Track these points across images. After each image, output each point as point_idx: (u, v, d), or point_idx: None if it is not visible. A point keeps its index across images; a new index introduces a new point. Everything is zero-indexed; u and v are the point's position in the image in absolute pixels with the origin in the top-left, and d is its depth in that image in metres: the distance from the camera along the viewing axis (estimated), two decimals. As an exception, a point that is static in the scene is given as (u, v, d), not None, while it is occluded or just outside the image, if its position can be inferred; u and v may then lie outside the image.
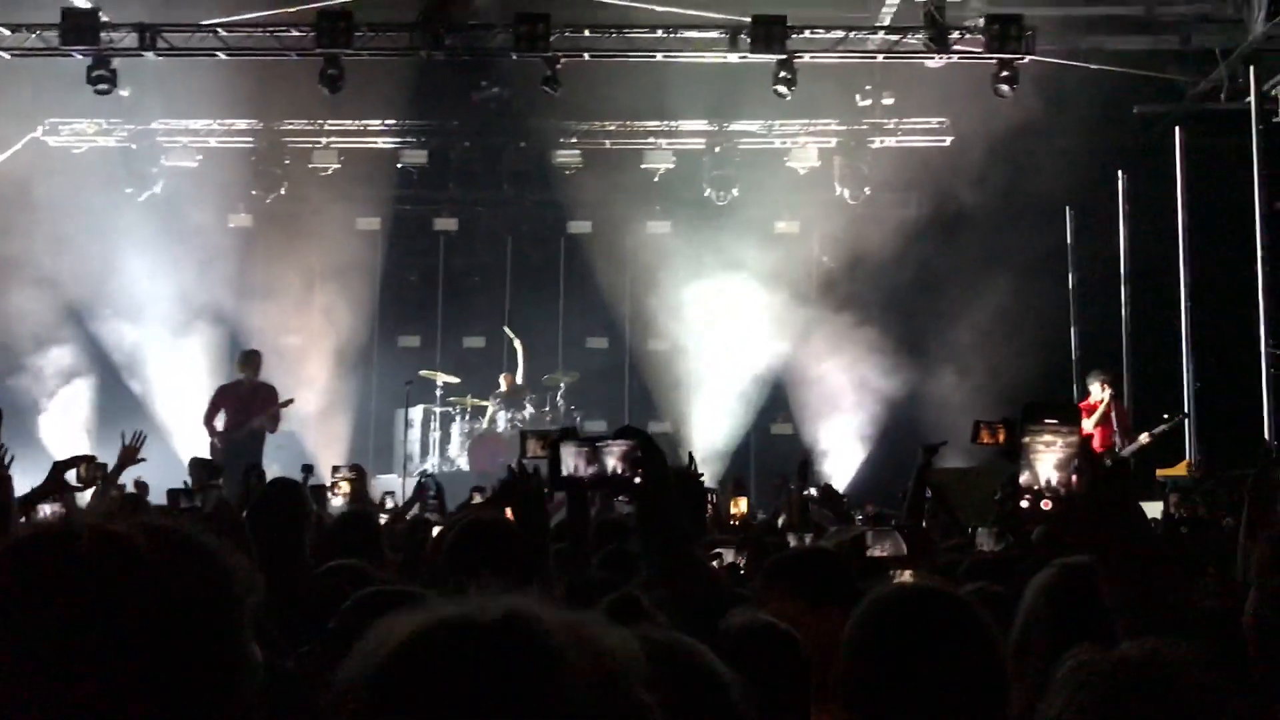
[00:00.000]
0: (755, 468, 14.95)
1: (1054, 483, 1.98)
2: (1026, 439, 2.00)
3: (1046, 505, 1.91)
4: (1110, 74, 13.89)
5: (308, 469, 9.85)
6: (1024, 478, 2.01)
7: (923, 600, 2.26)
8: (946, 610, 2.21)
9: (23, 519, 4.47)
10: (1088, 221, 14.64)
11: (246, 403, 11.92)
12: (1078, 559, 2.57)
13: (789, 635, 2.74)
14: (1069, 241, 14.75)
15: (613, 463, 2.12)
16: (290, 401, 12.54)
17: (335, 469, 9.69)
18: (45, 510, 5.10)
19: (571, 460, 2.16)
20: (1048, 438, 2.00)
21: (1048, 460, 2.00)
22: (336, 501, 12.00)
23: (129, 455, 6.12)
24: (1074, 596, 2.37)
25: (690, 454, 7.27)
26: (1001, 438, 4.96)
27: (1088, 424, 11.86)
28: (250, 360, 12.22)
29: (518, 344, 14.99)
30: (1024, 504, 1.99)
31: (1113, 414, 11.62)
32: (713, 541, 4.31)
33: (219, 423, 11.89)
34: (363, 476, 9.71)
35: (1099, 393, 11.76)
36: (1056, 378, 13.92)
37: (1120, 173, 14.24)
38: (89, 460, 5.70)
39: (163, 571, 1.19)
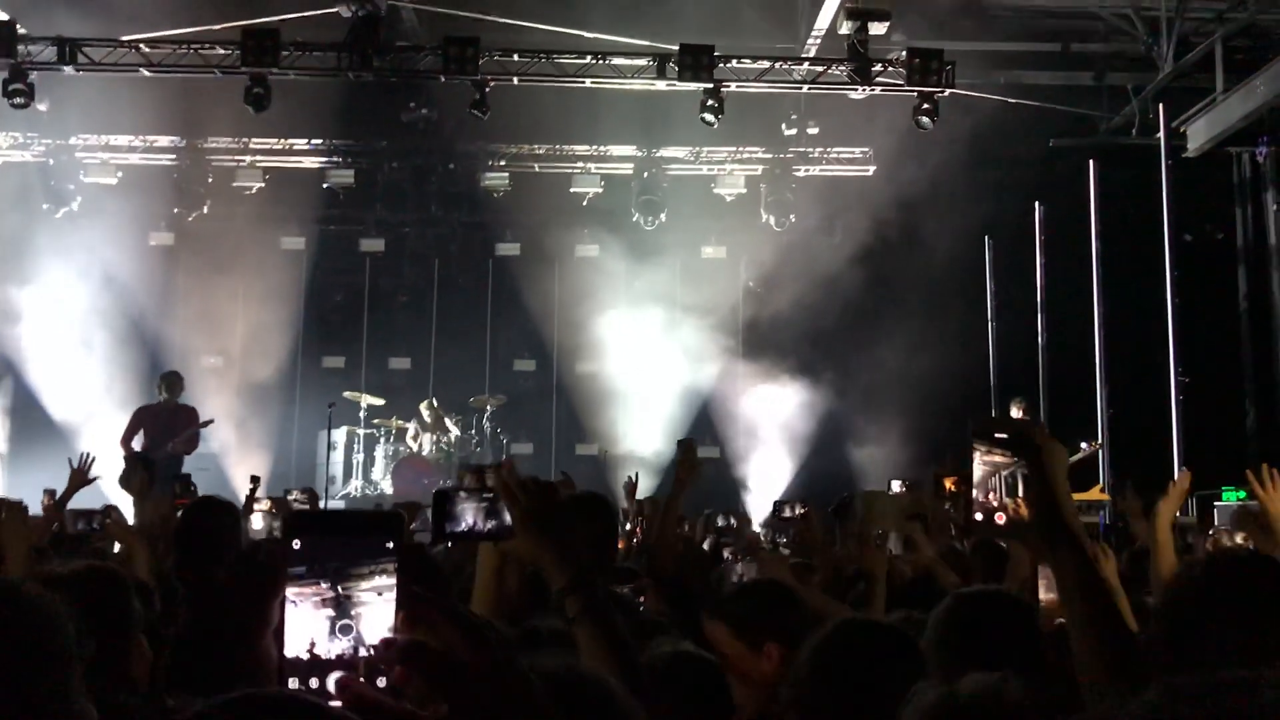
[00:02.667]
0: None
1: (1005, 501, 2.04)
2: (976, 456, 2.05)
3: (1000, 519, 1.97)
4: (1027, 108, 14.28)
5: (255, 480, 9.56)
6: (975, 493, 2.08)
7: (875, 633, 2.35)
8: (895, 643, 2.30)
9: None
10: (1005, 250, 14.99)
11: (166, 424, 11.71)
12: (975, 588, 2.66)
13: (710, 663, 2.78)
14: (987, 269, 15.09)
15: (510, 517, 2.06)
16: (210, 422, 12.35)
17: (287, 492, 9.47)
18: None
19: (470, 516, 2.08)
20: (999, 458, 2.06)
21: (993, 476, 2.07)
22: (257, 524, 11.87)
23: (78, 478, 6.01)
24: (965, 627, 2.45)
25: (634, 475, 7.30)
26: (964, 488, 5.12)
27: None
28: (171, 381, 12.01)
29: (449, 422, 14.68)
30: (978, 517, 2.05)
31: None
32: (628, 570, 4.29)
33: (136, 444, 11.66)
34: (314, 501, 9.38)
35: (1017, 416, 12.01)
36: (975, 402, 14.19)
37: (1037, 203, 14.60)
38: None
39: None
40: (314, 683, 1.05)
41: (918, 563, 4.54)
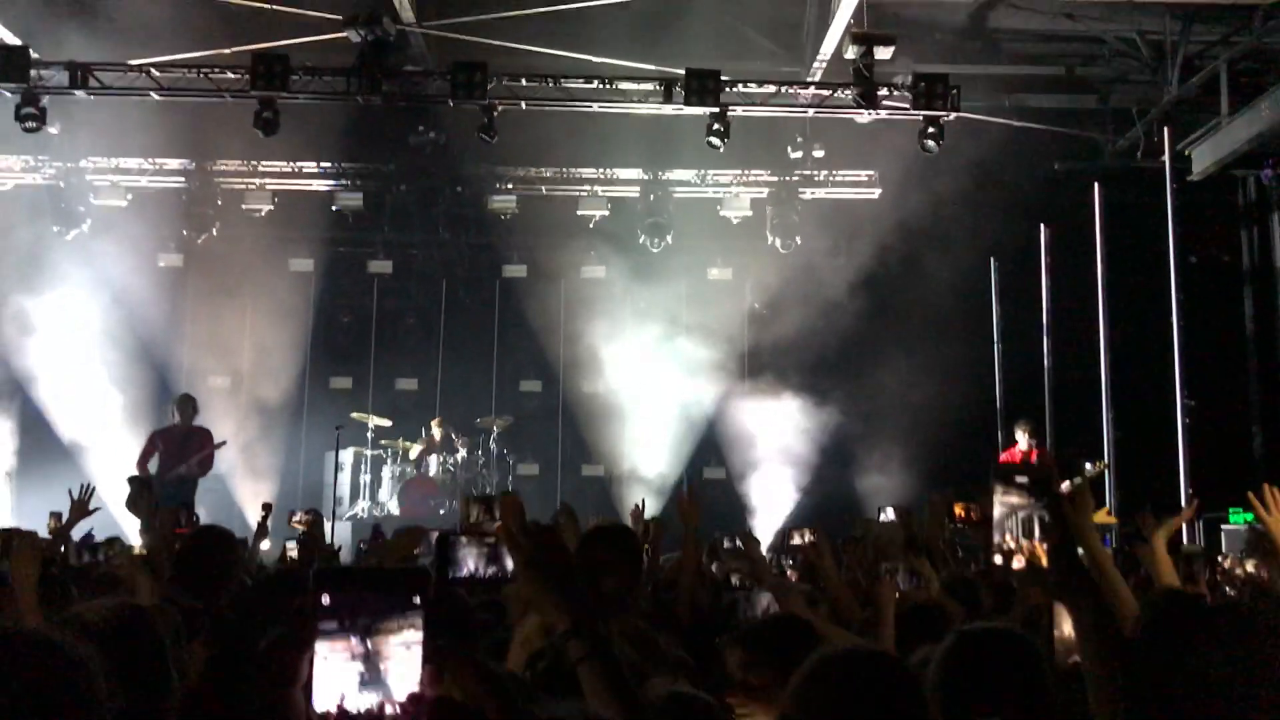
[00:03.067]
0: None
1: (1013, 539, 2.06)
2: (996, 499, 2.07)
3: (1018, 563, 1.99)
4: (1032, 131, 14.34)
5: (267, 508, 9.58)
6: (995, 537, 2.09)
7: (865, 662, 2.34)
8: (888, 673, 2.29)
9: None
10: (1011, 273, 15.03)
11: (180, 446, 11.89)
12: (979, 626, 2.68)
13: (706, 702, 2.80)
14: (993, 292, 15.12)
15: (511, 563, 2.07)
16: (223, 444, 12.52)
17: (292, 513, 9.47)
18: None
19: (472, 561, 2.10)
20: (1016, 499, 2.08)
21: (1013, 518, 2.09)
22: (265, 545, 11.89)
23: (80, 509, 6.06)
24: (966, 665, 2.47)
25: (640, 502, 7.29)
26: (974, 515, 5.13)
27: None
28: (185, 404, 12.19)
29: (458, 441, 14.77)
30: (997, 560, 2.07)
31: (1036, 461, 11.88)
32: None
33: (152, 466, 11.78)
34: (319, 522, 9.33)
35: (1023, 442, 12.03)
36: (980, 425, 14.23)
37: (1042, 226, 14.65)
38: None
39: (18, 678, 1.19)
40: None
41: (923, 596, 4.55)
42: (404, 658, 1.13)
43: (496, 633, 2.99)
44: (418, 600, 1.14)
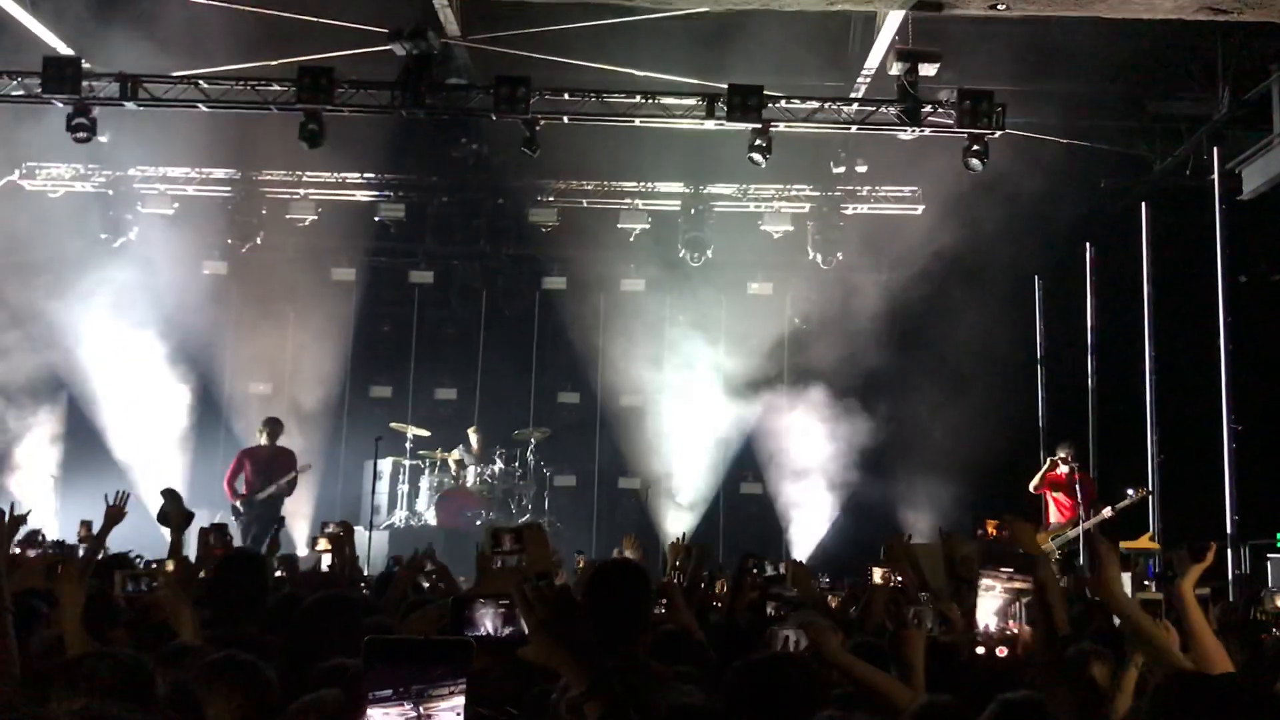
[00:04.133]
0: (724, 526, 15.00)
1: (998, 626, 2.02)
2: (991, 584, 2.03)
3: (1002, 653, 1.95)
4: (1078, 148, 14.17)
5: (280, 521, 9.75)
6: (981, 623, 2.05)
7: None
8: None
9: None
10: (1055, 292, 14.86)
11: (267, 466, 12.35)
12: (1021, 696, 2.63)
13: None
14: (1037, 311, 14.96)
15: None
16: (308, 466, 13.04)
17: (324, 525, 9.51)
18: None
19: (488, 622, 2.11)
20: (991, 583, 2.05)
21: (992, 603, 2.05)
22: (302, 551, 12.00)
23: (114, 515, 6.19)
24: None
25: (682, 535, 7.26)
26: (1006, 533, 5.03)
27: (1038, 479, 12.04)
28: (273, 426, 12.67)
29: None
30: (979, 652, 2.03)
31: (1077, 485, 11.74)
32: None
33: (240, 485, 12.30)
34: (349, 534, 9.32)
35: (1065, 465, 11.89)
36: (1023, 446, 14.06)
37: (1088, 245, 14.47)
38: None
39: None
40: None
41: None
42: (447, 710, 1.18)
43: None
44: (463, 671, 1.21)
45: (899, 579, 4.95)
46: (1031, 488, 12.08)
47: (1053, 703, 2.01)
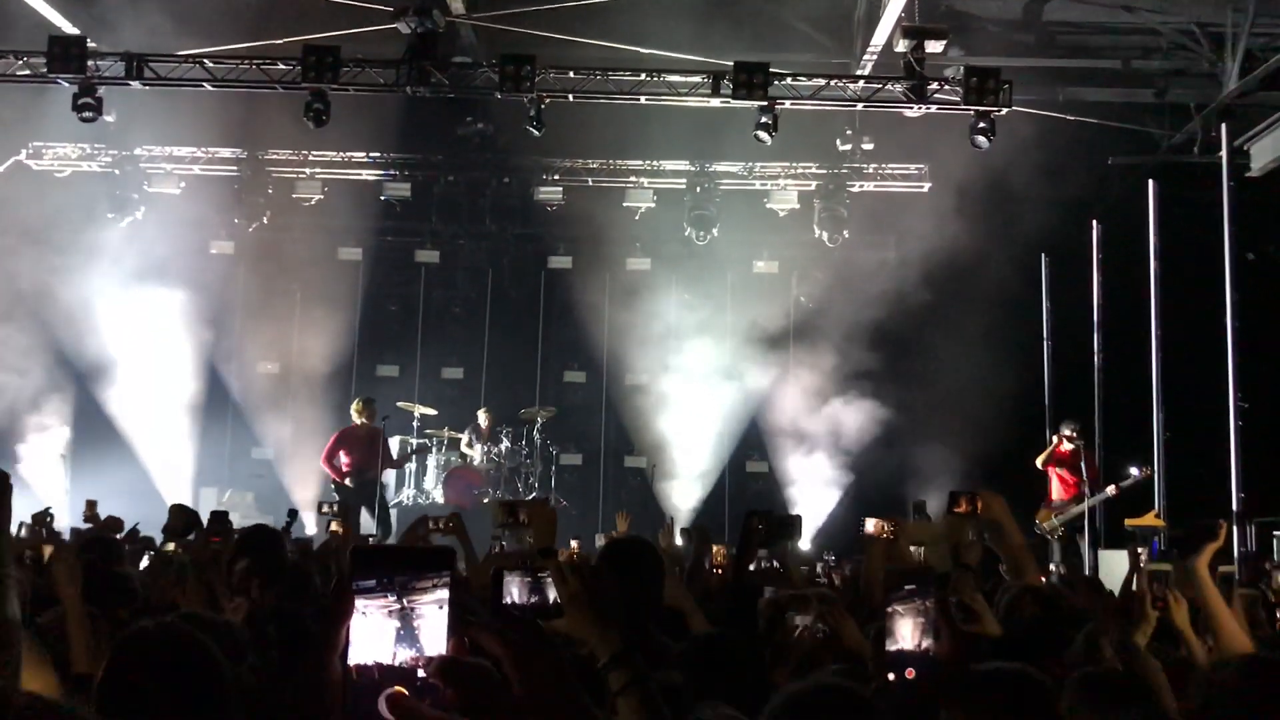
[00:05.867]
0: (730, 504, 15.05)
1: (918, 646, 1.99)
2: (889, 607, 2.00)
3: (910, 675, 1.94)
4: (1086, 125, 14.12)
5: (292, 514, 9.81)
6: (889, 644, 2.02)
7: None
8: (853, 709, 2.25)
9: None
10: (1061, 269, 14.81)
11: (364, 446, 12.48)
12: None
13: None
14: (1043, 288, 14.91)
15: (554, 595, 2.14)
16: (420, 449, 13.80)
17: (320, 505, 9.62)
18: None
19: (515, 590, 2.17)
20: (902, 606, 2.02)
21: (907, 624, 2.03)
22: (312, 529, 12.08)
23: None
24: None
25: (670, 519, 7.26)
26: (979, 507, 4.99)
27: (1045, 456, 12.06)
28: (368, 407, 12.77)
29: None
30: (890, 678, 2.01)
31: (1081, 463, 11.75)
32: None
33: (341, 465, 12.49)
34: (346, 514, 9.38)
35: (1069, 442, 11.90)
36: (1028, 423, 14.06)
37: (1094, 222, 14.42)
38: None
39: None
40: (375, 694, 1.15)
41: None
42: (436, 616, 1.20)
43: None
44: (445, 572, 1.21)
45: (890, 530, 4.90)
46: (1039, 464, 12.11)
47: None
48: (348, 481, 12.48)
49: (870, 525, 4.96)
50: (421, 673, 1.15)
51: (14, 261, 14.76)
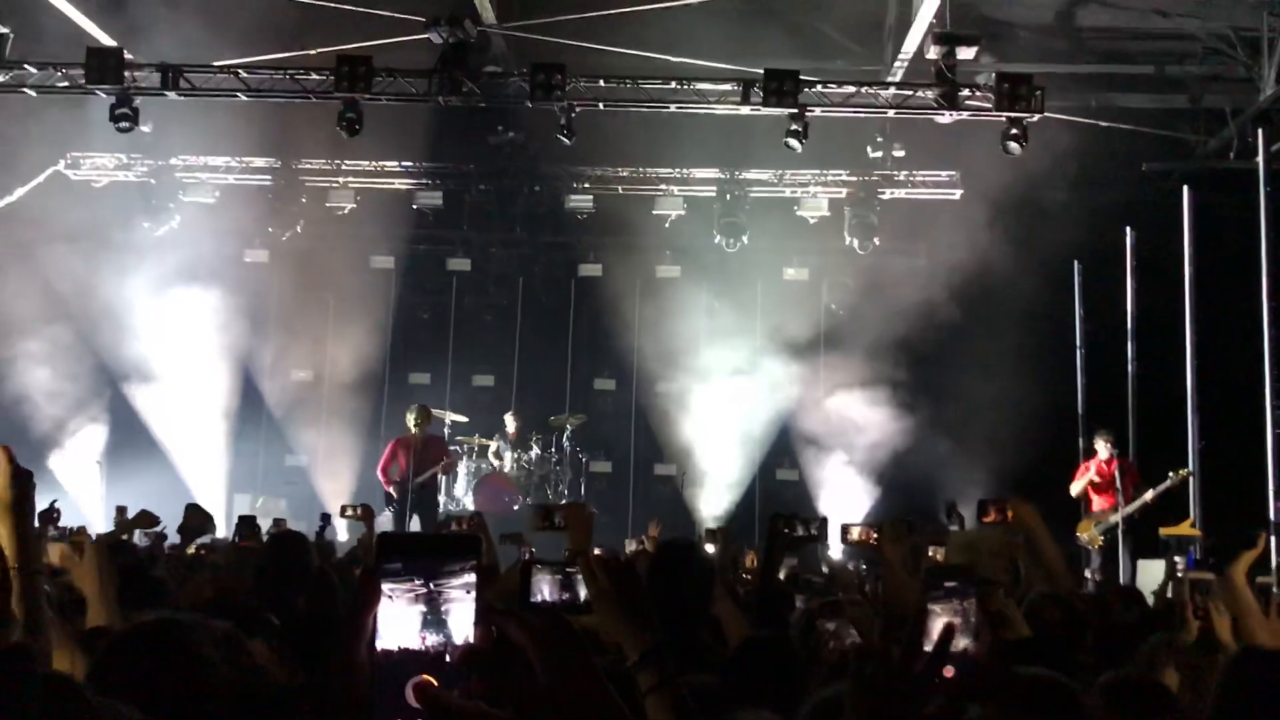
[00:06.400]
0: (760, 512, 15.01)
1: (955, 646, 1.99)
2: (928, 604, 1.99)
3: (948, 673, 1.93)
4: (1119, 131, 14.01)
5: (325, 518, 9.91)
6: (925, 645, 2.01)
7: None
8: None
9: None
10: (1095, 276, 14.70)
11: (419, 454, 12.57)
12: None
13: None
14: (1076, 295, 14.81)
15: (584, 592, 2.14)
16: (454, 462, 13.67)
17: (343, 508, 9.72)
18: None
19: (545, 587, 2.17)
20: (939, 605, 2.01)
21: (938, 623, 2.02)
22: (343, 535, 12.18)
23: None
24: None
25: (655, 520, 7.21)
26: (1009, 516, 4.96)
27: (1079, 485, 11.89)
28: (423, 415, 12.87)
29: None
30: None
31: (1118, 472, 11.63)
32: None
33: (395, 473, 12.60)
34: (369, 517, 9.49)
35: (1104, 451, 11.79)
36: (1061, 432, 13.96)
37: (1128, 229, 14.31)
38: None
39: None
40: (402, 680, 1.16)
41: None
42: (463, 603, 1.18)
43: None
44: (472, 558, 1.19)
45: (875, 538, 4.79)
46: (1074, 492, 11.88)
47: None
48: (392, 490, 12.59)
49: (856, 533, 4.88)
50: (447, 659, 1.16)
51: (53, 269, 14.96)
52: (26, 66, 12.85)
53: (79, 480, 14.72)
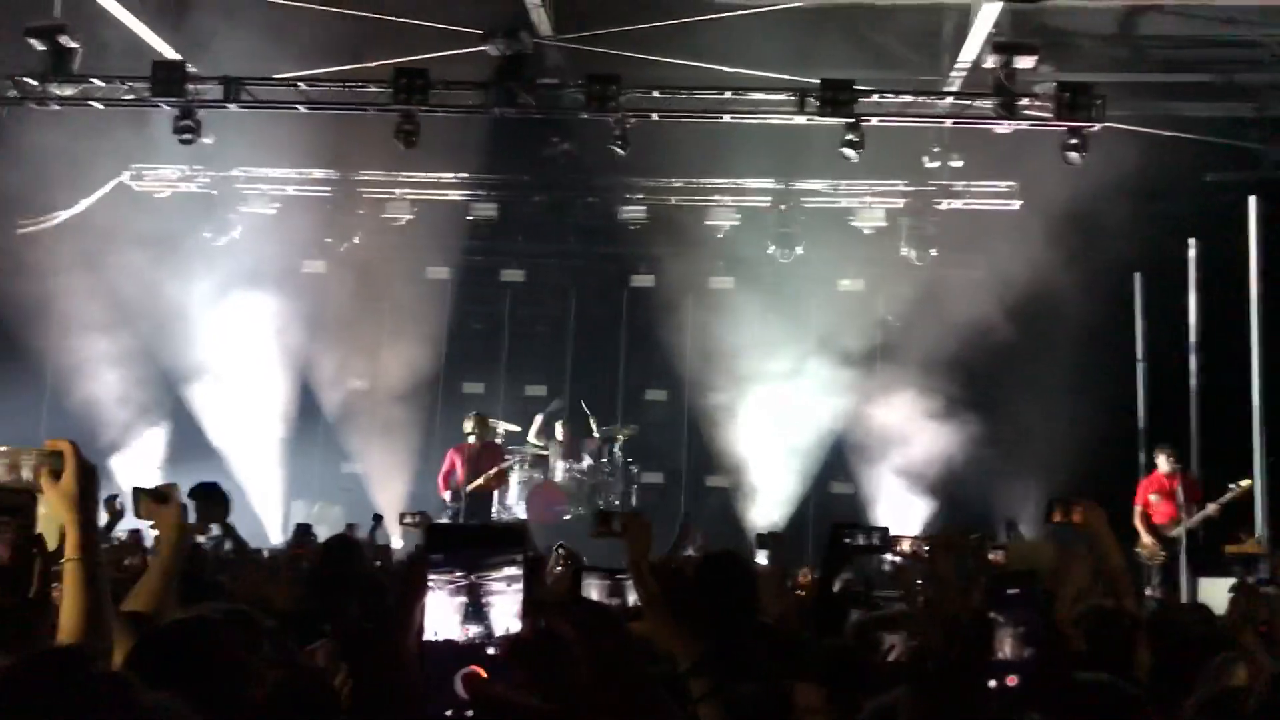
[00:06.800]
0: (814, 526, 14.89)
1: (1018, 653, 1.95)
2: (989, 612, 1.96)
3: (1011, 682, 1.90)
4: (1183, 141, 13.76)
5: (377, 519, 10.00)
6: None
7: None
8: None
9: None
10: (1157, 289, 14.44)
11: (475, 462, 12.81)
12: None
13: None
14: (1137, 308, 14.55)
15: (634, 597, 2.13)
16: (509, 468, 13.83)
17: (402, 515, 9.84)
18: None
19: (594, 593, 2.16)
20: (1003, 613, 1.97)
21: (1007, 631, 1.98)
22: (397, 543, 12.27)
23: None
24: None
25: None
26: (1076, 516, 4.85)
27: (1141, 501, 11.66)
28: (480, 423, 13.13)
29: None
30: (990, 684, 1.96)
31: (1179, 487, 11.40)
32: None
33: (453, 482, 12.86)
34: (427, 522, 9.58)
35: (1165, 466, 11.56)
36: (1122, 447, 13.71)
37: (1191, 240, 14.04)
38: None
39: None
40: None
41: None
42: (507, 594, 1.19)
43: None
44: (518, 549, 1.20)
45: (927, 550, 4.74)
46: (1137, 510, 11.62)
47: None
48: (448, 498, 12.72)
49: (907, 545, 4.81)
50: (493, 651, 1.15)
51: (117, 279, 15.23)
52: (93, 80, 13.11)
53: (141, 484, 14.93)
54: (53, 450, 2.33)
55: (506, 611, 1.18)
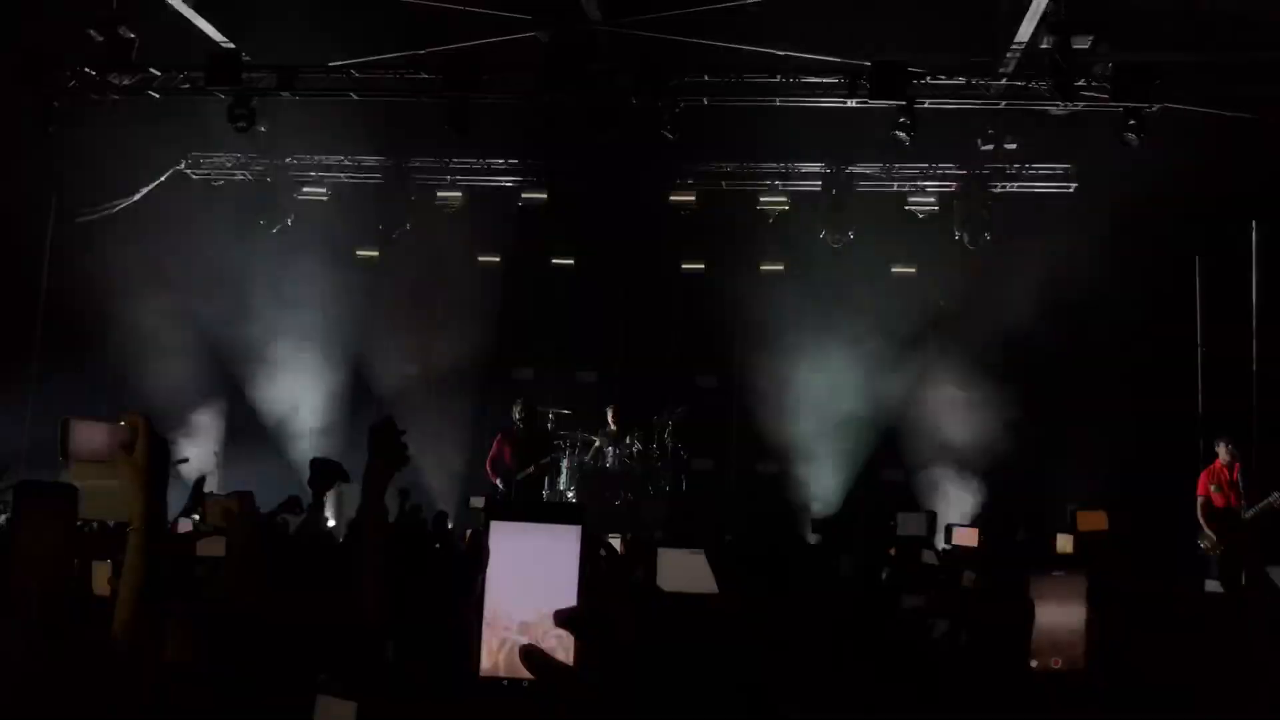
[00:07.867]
0: (865, 513, 14.82)
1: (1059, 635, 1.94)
2: (1034, 588, 1.95)
3: (1056, 664, 1.88)
4: (1245, 121, 13.45)
5: (442, 515, 10.16)
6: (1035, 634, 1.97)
7: None
8: None
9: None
10: (1217, 273, 14.15)
11: (524, 447, 13.01)
12: None
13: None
14: (1197, 293, 14.28)
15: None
16: (559, 456, 13.97)
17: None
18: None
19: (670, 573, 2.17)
20: (1052, 589, 1.96)
21: (1052, 609, 1.97)
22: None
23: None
24: None
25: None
26: (1103, 525, 4.82)
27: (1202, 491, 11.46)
28: (529, 409, 13.31)
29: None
30: (1033, 664, 1.94)
31: (1238, 477, 11.20)
32: None
33: (499, 468, 13.06)
34: None
35: (1224, 456, 11.36)
36: (1180, 435, 13.48)
37: (1253, 223, 13.74)
38: None
39: None
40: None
41: None
42: (566, 569, 1.24)
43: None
44: (577, 525, 1.24)
45: None
46: (1199, 500, 11.43)
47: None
48: (499, 483, 12.86)
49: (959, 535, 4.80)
50: (548, 625, 1.17)
51: (174, 266, 15.48)
52: (151, 70, 13.30)
53: (198, 469, 15.20)
54: (128, 424, 2.40)
55: (567, 586, 1.20)
